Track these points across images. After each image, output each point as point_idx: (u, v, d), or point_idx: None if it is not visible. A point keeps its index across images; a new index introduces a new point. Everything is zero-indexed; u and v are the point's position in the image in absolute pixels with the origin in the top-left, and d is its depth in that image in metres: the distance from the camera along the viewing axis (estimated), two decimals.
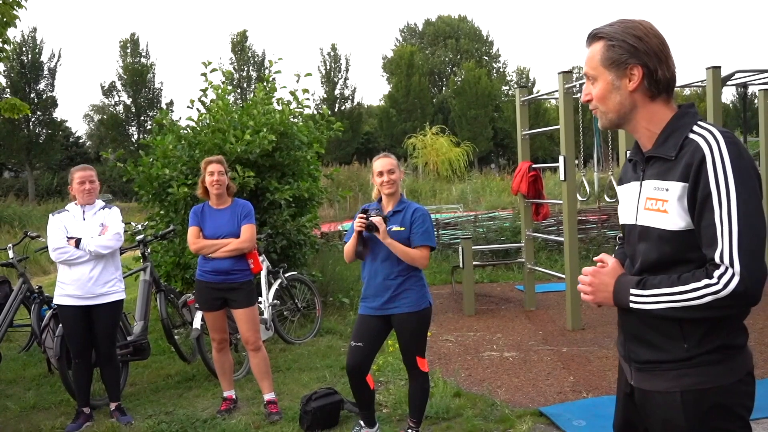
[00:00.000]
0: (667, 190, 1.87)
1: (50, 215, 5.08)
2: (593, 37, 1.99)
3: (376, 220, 4.05)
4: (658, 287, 1.84)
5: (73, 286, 4.87)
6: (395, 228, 4.15)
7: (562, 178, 7.47)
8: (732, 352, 1.88)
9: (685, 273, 1.82)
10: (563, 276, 7.64)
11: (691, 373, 1.87)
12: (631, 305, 1.89)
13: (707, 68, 7.19)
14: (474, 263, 8.78)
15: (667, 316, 1.85)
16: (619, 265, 2.01)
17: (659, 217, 1.88)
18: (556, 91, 7.71)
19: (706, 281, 1.76)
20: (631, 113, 1.97)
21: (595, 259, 2.09)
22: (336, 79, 50.84)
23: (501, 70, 60.98)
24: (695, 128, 1.88)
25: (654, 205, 1.90)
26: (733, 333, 1.89)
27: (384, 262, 4.17)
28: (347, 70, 51.43)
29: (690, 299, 1.78)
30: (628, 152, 2.19)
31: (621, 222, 2.13)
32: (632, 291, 1.89)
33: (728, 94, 52.74)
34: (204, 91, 8.22)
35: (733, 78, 8.28)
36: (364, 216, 4.09)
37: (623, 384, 2.14)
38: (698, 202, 1.79)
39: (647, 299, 1.86)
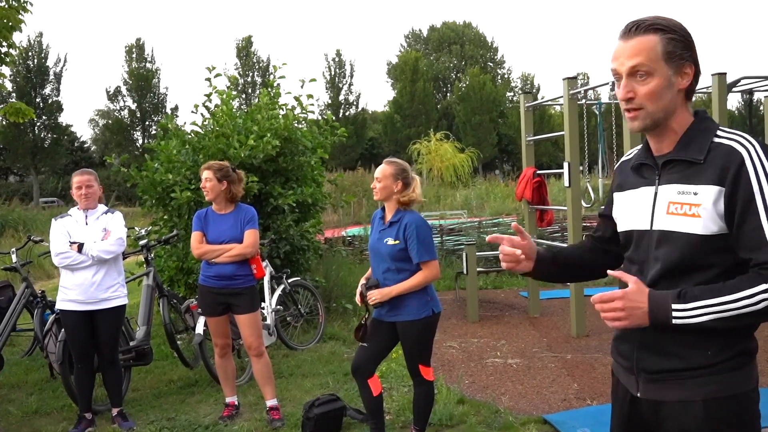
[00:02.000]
0: (695, 194, 1.81)
1: (53, 220, 5.07)
2: (647, 28, 1.84)
3: (374, 302, 4.15)
4: (703, 298, 1.75)
5: (75, 291, 4.86)
6: (390, 241, 4.12)
7: (566, 184, 7.45)
8: (750, 358, 1.86)
9: (731, 281, 1.76)
10: (567, 282, 7.60)
11: (714, 380, 1.83)
12: (674, 321, 1.77)
13: (713, 74, 7.16)
14: (478, 269, 8.76)
15: (711, 327, 1.76)
16: (641, 282, 1.85)
17: (688, 221, 1.82)
18: (561, 97, 7.69)
19: (764, 286, 1.70)
20: (672, 114, 1.88)
21: (613, 274, 1.95)
22: (340, 85, 50.99)
23: (505, 76, 61.11)
24: (720, 133, 1.86)
25: (680, 209, 1.84)
26: (750, 337, 1.86)
27: (385, 273, 4.16)
28: (352, 76, 51.67)
29: (745, 306, 1.72)
30: (627, 158, 2.14)
31: (624, 228, 2.04)
32: (674, 306, 1.77)
33: (734, 101, 52.66)
34: (208, 96, 8.22)
35: (738, 84, 8.25)
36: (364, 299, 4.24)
37: (622, 396, 2.06)
38: (739, 206, 1.75)
39: (692, 312, 1.76)
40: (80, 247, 4.83)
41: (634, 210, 2.01)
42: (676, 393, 1.88)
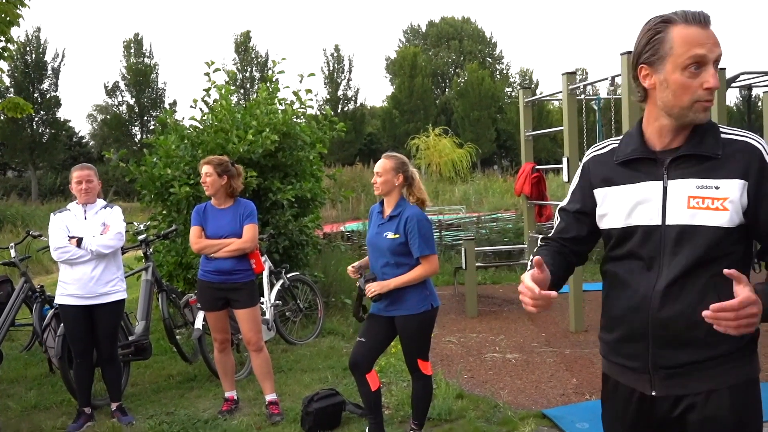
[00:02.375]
0: (717, 188, 1.84)
1: (52, 214, 5.07)
2: (709, 19, 1.86)
3: (372, 294, 4.14)
4: None
5: (74, 286, 4.86)
6: (390, 235, 4.12)
7: (565, 179, 7.45)
8: (756, 344, 1.94)
9: None
10: None
11: (736, 367, 1.89)
12: None
13: None
14: (477, 264, 8.77)
15: None
16: (750, 289, 1.70)
17: (714, 215, 1.84)
18: (560, 92, 7.69)
19: None
20: None
21: (731, 274, 1.70)
22: (339, 80, 50.85)
23: (504, 71, 60.97)
24: (725, 130, 1.90)
25: (702, 203, 1.85)
26: None
27: (383, 267, 4.17)
28: (350, 71, 51.45)
29: None
30: (600, 152, 2.10)
31: (622, 225, 1.99)
32: None
33: (732, 97, 52.64)
34: (207, 90, 8.22)
35: (737, 80, 8.26)
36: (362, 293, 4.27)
37: (626, 397, 2.04)
38: (764, 198, 1.82)
39: None
40: (79, 241, 4.83)
41: (637, 205, 1.97)
42: (700, 384, 1.90)
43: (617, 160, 2.03)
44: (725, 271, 1.72)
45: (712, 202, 1.84)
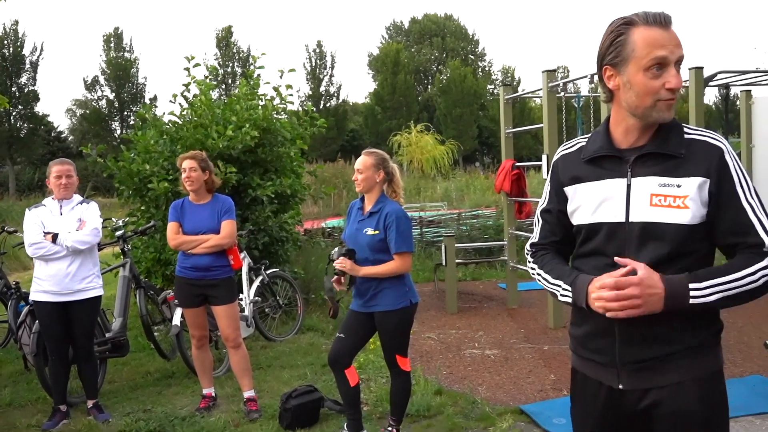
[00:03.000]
0: (679, 186, 1.87)
1: (27, 210, 5.00)
2: (670, 20, 1.88)
3: (340, 265, 4.10)
4: (713, 278, 1.84)
5: (49, 282, 4.80)
6: (370, 231, 4.11)
7: (545, 176, 7.47)
8: (719, 337, 1.98)
9: (732, 261, 1.87)
10: None
11: (700, 359, 1.93)
12: (691, 302, 1.83)
13: (690, 68, 7.21)
14: (457, 261, 8.78)
15: (717, 306, 1.86)
16: (650, 268, 1.85)
17: (676, 212, 1.87)
18: (540, 89, 7.71)
19: (761, 264, 1.82)
20: None
21: (619, 260, 1.89)
22: (321, 76, 50.72)
23: (486, 68, 61.18)
24: (688, 130, 1.94)
25: (664, 201, 1.89)
26: (719, 317, 1.98)
27: (362, 263, 4.15)
28: (333, 67, 51.36)
29: (749, 283, 1.82)
30: (568, 151, 2.14)
31: (587, 221, 2.02)
32: (691, 287, 1.83)
33: (710, 96, 53.22)
34: (187, 85, 8.15)
35: (715, 79, 8.33)
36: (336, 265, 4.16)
37: (594, 392, 2.06)
38: (724, 196, 1.86)
39: (706, 291, 1.83)
40: (54, 237, 4.77)
41: (602, 202, 2.00)
42: (667, 377, 1.93)
43: (584, 157, 2.06)
44: (615, 258, 1.87)
45: (674, 200, 1.88)
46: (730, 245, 1.91)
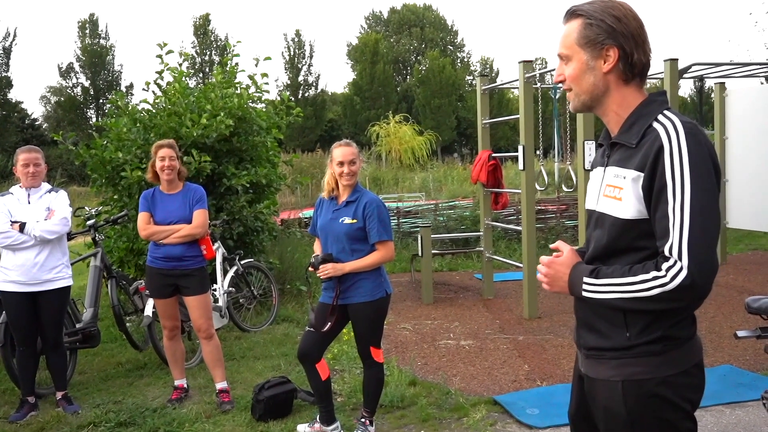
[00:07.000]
0: (624, 178, 1.85)
1: None
2: (571, 14, 1.93)
3: (324, 275, 4.06)
4: (610, 277, 1.83)
5: (17, 272, 4.71)
6: (347, 221, 4.09)
7: (521, 167, 7.48)
8: (675, 344, 1.86)
9: (637, 264, 1.80)
10: (521, 265, 7.66)
11: (632, 363, 1.88)
12: (584, 294, 1.88)
13: (665, 60, 7.25)
14: (433, 252, 8.78)
15: (617, 307, 1.84)
16: (574, 254, 1.97)
17: (614, 204, 1.88)
18: (517, 80, 7.71)
19: (654, 273, 1.74)
20: (604, 96, 1.93)
21: (551, 246, 2.08)
22: (300, 66, 50.49)
23: (465, 59, 61.17)
24: (659, 117, 1.85)
25: (611, 192, 1.89)
26: (678, 324, 1.87)
27: (339, 254, 4.12)
28: (311, 57, 51.16)
29: (639, 290, 1.77)
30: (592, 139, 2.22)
31: (587, 207, 2.11)
32: (585, 280, 1.87)
33: (686, 88, 53.63)
34: (160, 73, 8.03)
35: (689, 71, 8.38)
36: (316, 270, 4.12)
37: (577, 370, 2.15)
38: (654, 193, 1.78)
39: (598, 288, 1.84)
40: (22, 226, 4.67)
41: (591, 189, 2.08)
42: (603, 371, 1.95)
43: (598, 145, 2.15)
44: (551, 245, 1.98)
45: (618, 192, 1.87)
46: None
